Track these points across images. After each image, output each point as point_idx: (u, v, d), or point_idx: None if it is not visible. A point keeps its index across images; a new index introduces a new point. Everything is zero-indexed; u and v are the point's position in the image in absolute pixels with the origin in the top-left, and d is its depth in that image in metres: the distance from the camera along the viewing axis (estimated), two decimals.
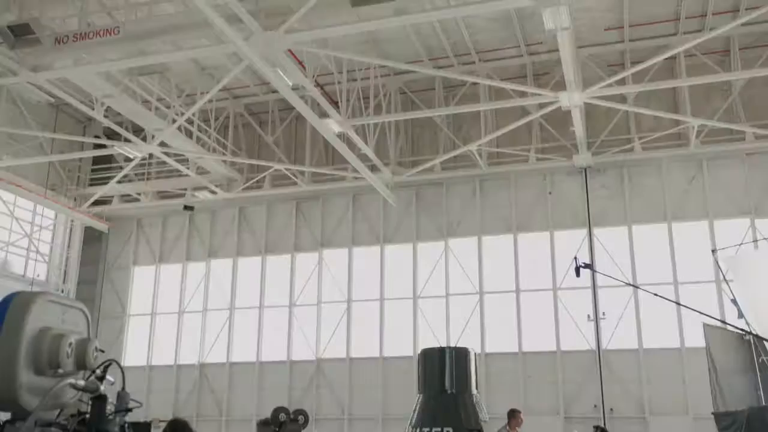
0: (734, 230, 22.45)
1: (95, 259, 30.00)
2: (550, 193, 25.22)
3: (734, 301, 16.15)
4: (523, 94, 22.58)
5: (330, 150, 26.30)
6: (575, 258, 10.82)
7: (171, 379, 27.79)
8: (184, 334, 28.45)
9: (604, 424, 21.41)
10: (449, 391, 10.21)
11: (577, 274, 11.54)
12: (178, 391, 27.67)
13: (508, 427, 10.88)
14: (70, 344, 2.31)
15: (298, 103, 19.79)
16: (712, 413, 13.38)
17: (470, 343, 22.73)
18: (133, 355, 28.24)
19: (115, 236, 30.13)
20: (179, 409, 27.28)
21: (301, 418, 7.90)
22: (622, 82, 21.25)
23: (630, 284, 20.22)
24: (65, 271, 28.65)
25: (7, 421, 2.25)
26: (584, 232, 24.50)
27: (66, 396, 2.43)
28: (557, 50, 18.10)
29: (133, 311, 29.51)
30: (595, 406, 22.85)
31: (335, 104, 21.17)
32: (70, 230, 29.09)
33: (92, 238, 29.71)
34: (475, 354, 10.79)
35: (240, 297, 28.13)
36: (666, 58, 20.88)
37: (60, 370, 2.27)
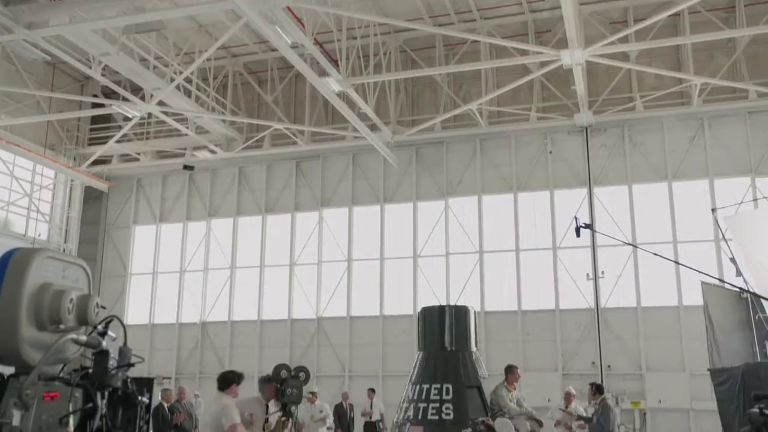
0: (734, 189, 22.46)
1: (96, 219, 30.08)
2: (550, 152, 25.14)
3: (733, 260, 16.21)
4: (524, 53, 22.34)
5: (330, 109, 26.14)
6: (575, 218, 10.82)
7: (173, 338, 28.08)
8: (185, 293, 28.68)
9: (602, 380, 21.67)
10: (449, 349, 10.35)
11: (578, 234, 11.54)
12: (181, 349, 27.99)
13: (505, 383, 11.02)
14: (71, 300, 2.32)
15: (297, 62, 19.61)
16: (708, 370, 13.54)
17: (470, 301, 22.92)
18: (135, 314, 28.50)
19: (115, 196, 30.15)
20: (182, 366, 27.65)
21: (302, 374, 7.97)
22: (624, 39, 20.98)
23: (629, 243, 20.29)
24: (66, 231, 28.71)
25: (11, 375, 2.28)
26: (584, 191, 24.49)
27: (68, 351, 2.45)
28: (559, 7, 17.85)
29: (135, 270, 29.69)
30: (593, 363, 23.13)
31: (335, 63, 20.96)
32: (70, 190, 29.07)
33: (92, 197, 29.73)
34: (474, 312, 10.90)
35: (241, 256, 28.27)
36: (670, 15, 20.61)
37: (61, 326, 2.29)
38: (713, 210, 18.25)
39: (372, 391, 17.45)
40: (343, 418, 15.68)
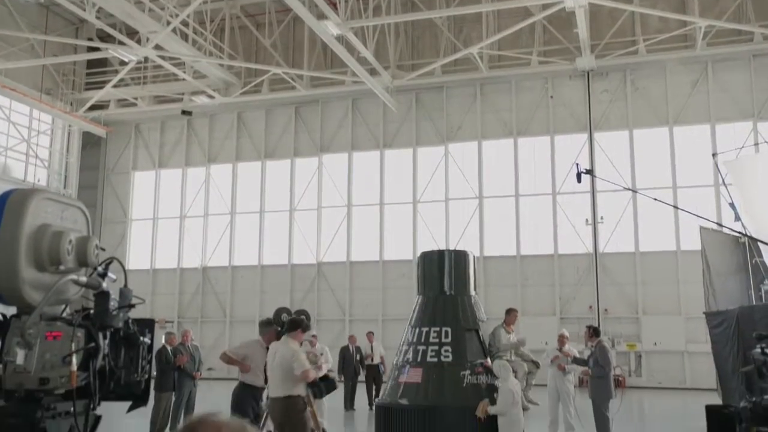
0: (736, 134, 22.35)
1: (95, 165, 30.02)
2: (551, 97, 24.93)
3: (732, 205, 16.20)
4: None
5: (329, 53, 25.81)
6: (576, 164, 10.78)
7: (174, 282, 28.34)
8: (186, 239, 28.82)
9: (599, 324, 21.94)
10: (448, 293, 10.41)
11: (578, 180, 11.50)
12: (182, 293, 28.28)
13: (504, 325, 11.16)
14: (70, 241, 2.33)
15: (295, 4, 19.24)
16: (704, 313, 13.68)
17: (469, 246, 23.08)
18: (136, 259, 28.70)
19: (113, 141, 30.02)
20: (183, 310, 27.98)
21: (302, 318, 8.04)
22: None
23: (629, 189, 20.27)
24: (65, 176, 28.67)
25: (13, 316, 2.30)
26: (585, 136, 24.38)
27: (69, 292, 2.47)
28: None
29: (135, 216, 29.78)
30: (591, 307, 23.40)
31: (334, 6, 20.57)
32: (68, 135, 28.91)
33: (91, 143, 29.59)
34: (473, 257, 10.95)
35: (240, 202, 28.33)
36: None
37: (61, 267, 2.30)
38: (714, 155, 18.17)
39: (371, 334, 17.65)
40: (348, 361, 15.87)
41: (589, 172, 11.76)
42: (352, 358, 16.19)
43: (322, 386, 6.87)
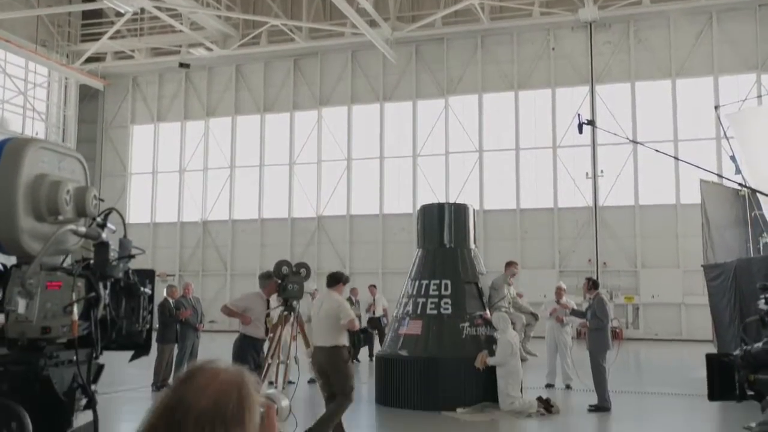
0: (739, 86, 22.16)
1: (93, 118, 29.83)
2: (553, 49, 24.62)
3: (733, 158, 16.15)
4: None
5: (328, 5, 25.39)
6: (578, 114, 10.68)
7: (175, 236, 28.43)
8: (185, 193, 28.82)
9: (597, 277, 22.08)
10: (448, 246, 10.46)
11: (580, 131, 11.41)
12: (183, 247, 28.40)
13: (504, 277, 11.26)
14: (68, 191, 2.32)
15: None
16: (702, 266, 13.77)
17: (469, 200, 23.07)
18: (136, 213, 28.75)
19: (111, 95, 29.78)
20: (185, 264, 28.14)
21: (303, 271, 8.09)
22: None
23: (630, 140, 20.17)
24: (63, 130, 28.52)
25: (13, 265, 2.31)
26: (586, 89, 24.17)
27: (69, 242, 2.47)
28: None
29: (134, 170, 29.73)
30: (590, 260, 23.52)
31: None
32: (65, 88, 28.66)
33: (88, 96, 29.36)
34: (473, 210, 10.96)
35: (240, 156, 28.24)
36: None
37: (60, 217, 2.30)
38: (716, 107, 18.02)
39: (373, 287, 17.72)
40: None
41: (591, 122, 11.69)
42: (356, 310, 16.27)
43: (360, 336, 7.32)
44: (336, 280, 7.35)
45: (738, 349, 2.55)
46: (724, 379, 2.64)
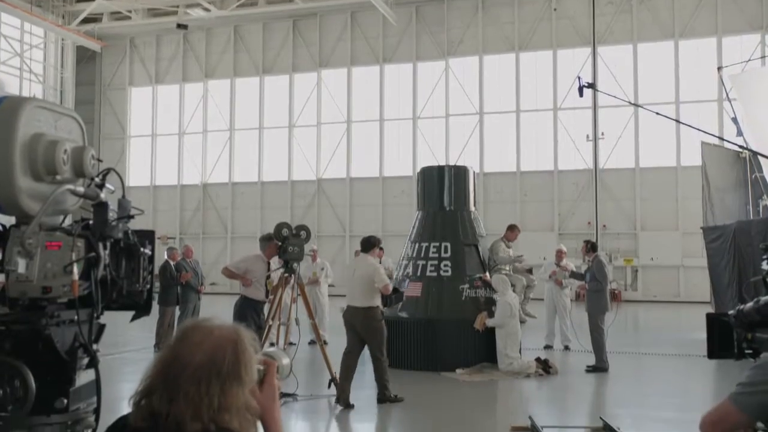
0: (743, 47, 21.95)
1: (91, 80, 29.61)
2: (555, 9, 24.32)
3: (734, 120, 16.06)
4: None
5: None
6: (578, 77, 10.60)
7: (175, 199, 28.44)
8: (185, 156, 28.74)
9: (597, 240, 22.14)
10: (448, 208, 10.46)
11: (580, 93, 11.40)
12: (183, 210, 28.43)
13: (504, 239, 11.27)
14: (65, 151, 2.30)
15: None
16: (701, 228, 13.79)
17: (469, 163, 23.03)
18: (136, 176, 28.71)
19: (109, 56, 29.51)
20: (185, 227, 28.19)
21: (303, 233, 8.09)
22: None
23: (631, 103, 20.01)
24: (61, 92, 28.33)
25: (12, 225, 2.31)
26: (588, 50, 23.95)
27: (67, 203, 2.46)
28: None
29: (133, 133, 29.61)
30: (589, 223, 23.55)
31: None
32: (62, 49, 28.38)
33: (86, 58, 29.10)
34: (473, 172, 10.94)
35: (239, 118, 28.09)
36: None
37: (58, 177, 2.28)
38: (719, 68, 17.86)
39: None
40: None
41: (591, 85, 11.60)
42: None
43: (392, 297, 7.66)
44: (371, 244, 7.76)
45: (733, 309, 2.60)
46: (722, 338, 2.70)
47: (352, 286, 7.60)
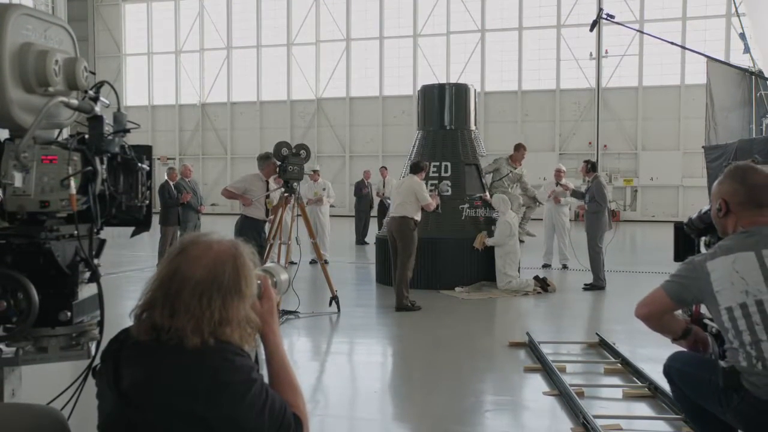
0: None
1: None
2: None
3: (742, 36, 15.73)
4: None
5: None
6: (600, 9, 10.42)
7: (173, 119, 28.19)
8: (182, 75, 28.30)
9: (597, 160, 22.09)
10: (448, 127, 10.36)
11: (591, 28, 11.50)
12: (182, 130, 28.22)
13: (509, 159, 11.22)
14: (57, 62, 2.24)
15: None
16: (702, 147, 13.70)
17: (470, 81, 22.72)
18: (133, 95, 28.35)
19: None
20: (184, 147, 28.04)
21: (303, 152, 8.02)
22: None
23: (638, 30, 19.44)
24: (53, 7, 27.60)
25: (6, 139, 2.27)
26: None
27: (62, 116, 2.42)
28: None
29: (129, 51, 29.06)
30: (590, 143, 23.43)
31: None
32: None
33: None
34: (474, 91, 10.78)
35: (236, 36, 27.52)
36: None
37: (50, 89, 2.22)
38: None
39: (384, 168, 17.45)
40: (364, 198, 15.83)
41: (610, 17, 11.40)
42: (368, 194, 16.19)
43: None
44: (419, 168, 8.47)
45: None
46: (686, 244, 3.29)
47: (394, 199, 8.41)
